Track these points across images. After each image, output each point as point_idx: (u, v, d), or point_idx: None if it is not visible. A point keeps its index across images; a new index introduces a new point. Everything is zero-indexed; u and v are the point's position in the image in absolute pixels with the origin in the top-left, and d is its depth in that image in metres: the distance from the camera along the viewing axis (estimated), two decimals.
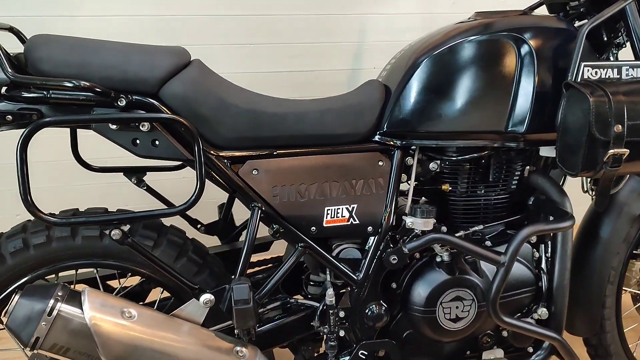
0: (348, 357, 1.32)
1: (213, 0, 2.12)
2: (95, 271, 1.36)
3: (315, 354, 1.39)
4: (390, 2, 2.26)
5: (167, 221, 1.32)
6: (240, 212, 1.67)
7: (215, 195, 1.60)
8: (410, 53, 1.32)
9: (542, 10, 1.41)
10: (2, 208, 2.21)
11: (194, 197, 1.12)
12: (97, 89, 1.09)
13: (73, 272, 1.33)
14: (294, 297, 1.37)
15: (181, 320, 1.17)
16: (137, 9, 2.07)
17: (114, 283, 1.44)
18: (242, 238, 1.70)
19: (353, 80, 2.27)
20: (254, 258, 1.56)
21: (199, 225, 1.58)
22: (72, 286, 1.26)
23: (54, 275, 1.29)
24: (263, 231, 1.23)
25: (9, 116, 1.10)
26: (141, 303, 1.27)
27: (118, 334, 1.08)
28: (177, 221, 1.39)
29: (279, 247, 1.65)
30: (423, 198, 1.37)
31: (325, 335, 1.29)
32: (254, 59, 2.17)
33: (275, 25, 2.18)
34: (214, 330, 1.21)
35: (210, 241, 1.54)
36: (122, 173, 1.52)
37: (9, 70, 1.07)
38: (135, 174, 1.52)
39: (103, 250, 1.26)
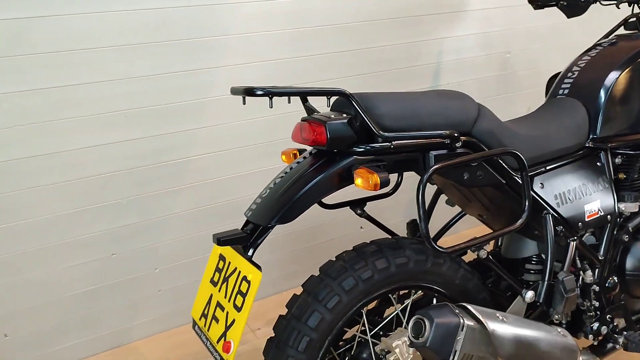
0: (597, 323, 1.63)
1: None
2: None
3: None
4: (459, 26, 2.59)
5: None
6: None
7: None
8: (599, 70, 1.67)
9: None
10: (142, 264, 2.18)
11: (526, 214, 1.35)
12: (455, 134, 1.28)
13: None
14: None
15: (523, 318, 1.40)
16: None
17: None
18: None
19: None
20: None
21: None
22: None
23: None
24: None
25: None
26: None
27: (506, 334, 1.28)
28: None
29: None
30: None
31: (586, 308, 1.59)
32: (364, 87, 2.37)
33: (375, 56, 2.41)
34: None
35: None
36: (348, 207, 1.68)
37: (379, 130, 1.23)
38: (359, 205, 1.68)
39: (409, 273, 1.44)
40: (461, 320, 1.23)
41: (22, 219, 1.91)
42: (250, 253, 1.26)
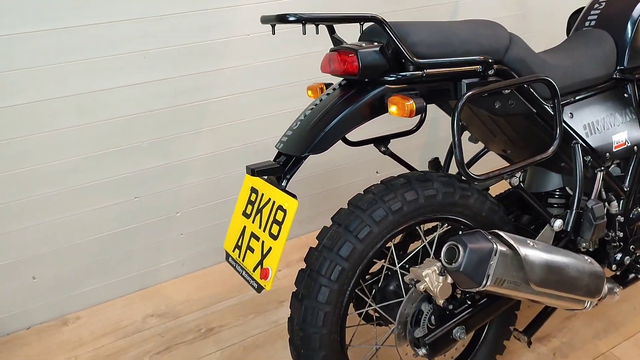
0: (620, 254, 1.65)
1: None
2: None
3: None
4: None
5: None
6: None
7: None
8: (627, 1, 1.63)
9: None
10: (164, 207, 2.20)
11: (557, 142, 1.35)
12: (489, 60, 1.27)
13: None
14: None
15: (551, 245, 1.42)
16: None
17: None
18: None
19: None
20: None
21: None
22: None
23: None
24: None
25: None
26: None
27: (537, 259, 1.30)
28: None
29: None
30: None
31: (610, 238, 1.61)
32: None
33: None
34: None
35: None
36: (372, 144, 1.68)
37: (413, 57, 1.21)
38: (382, 142, 1.68)
39: (438, 205, 1.45)
40: (494, 246, 1.24)
41: (45, 162, 1.92)
42: (284, 184, 1.26)
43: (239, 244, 1.36)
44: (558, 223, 1.43)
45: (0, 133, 1.82)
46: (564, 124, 1.46)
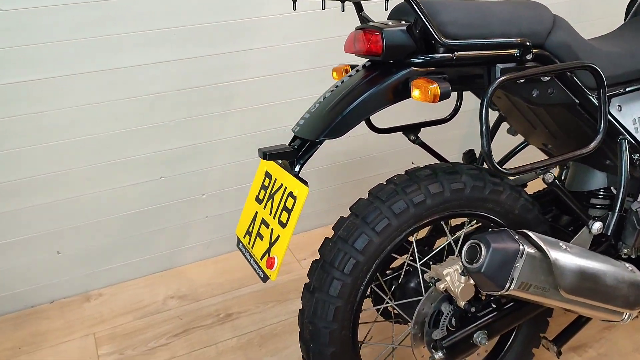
0: None
1: None
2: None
3: None
4: None
5: None
6: None
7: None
8: None
9: None
10: (190, 189, 2.17)
11: (600, 136, 1.22)
12: (527, 43, 1.15)
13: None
14: None
15: (588, 250, 1.29)
16: None
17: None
18: None
19: None
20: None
21: None
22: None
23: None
24: None
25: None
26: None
27: (569, 264, 1.18)
28: None
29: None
30: None
31: None
32: None
33: None
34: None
35: None
36: (401, 132, 1.58)
37: (441, 37, 1.11)
38: (412, 131, 1.58)
39: (466, 200, 1.35)
40: (521, 247, 1.14)
41: (73, 137, 1.91)
42: (297, 169, 1.19)
43: (250, 229, 1.30)
44: (597, 226, 1.31)
45: (30, 105, 1.82)
46: (610, 117, 1.33)
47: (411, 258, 1.48)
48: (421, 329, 1.36)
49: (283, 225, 1.17)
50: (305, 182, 1.15)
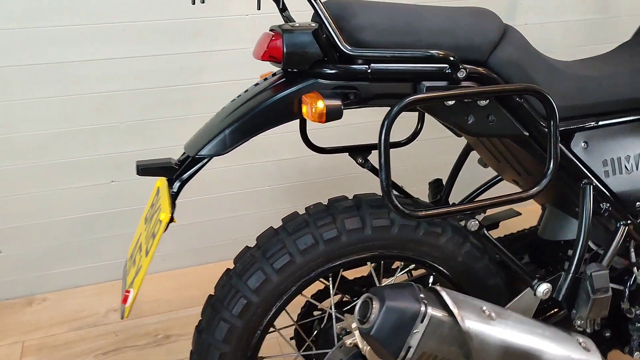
0: None
1: None
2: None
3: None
4: None
5: None
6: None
7: None
8: None
9: None
10: (144, 196, 2.03)
11: (548, 178, 0.98)
12: (451, 58, 0.93)
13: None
14: None
15: (526, 317, 1.05)
16: None
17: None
18: None
19: None
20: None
21: None
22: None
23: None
24: None
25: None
26: None
27: (489, 336, 0.95)
28: None
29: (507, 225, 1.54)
30: None
31: (634, 317, 1.19)
32: None
33: None
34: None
35: None
36: (347, 153, 1.37)
37: (345, 44, 0.91)
38: (361, 153, 1.37)
39: (392, 241, 1.13)
40: (423, 308, 0.92)
41: (17, 132, 1.81)
42: (174, 188, 1.02)
43: (133, 253, 1.13)
44: (542, 288, 1.06)
45: None
46: (572, 155, 1.08)
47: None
48: None
49: (146, 253, 1.00)
50: (173, 206, 0.98)
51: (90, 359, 1.76)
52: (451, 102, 0.97)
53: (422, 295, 0.94)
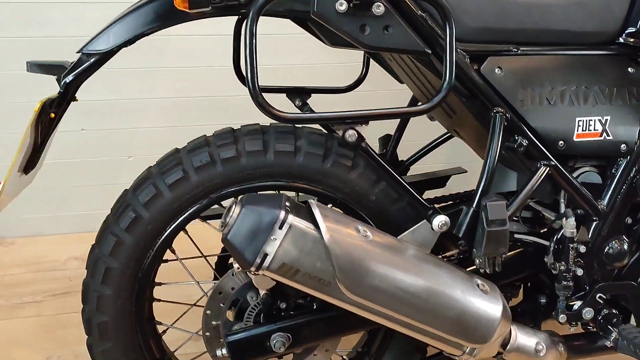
0: (581, 302, 1.11)
1: None
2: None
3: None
4: None
5: None
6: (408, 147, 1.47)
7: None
8: None
9: None
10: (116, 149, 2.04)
11: (443, 93, 0.91)
12: None
13: None
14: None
15: (415, 247, 0.97)
16: None
17: None
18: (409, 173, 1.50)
19: None
20: (430, 194, 1.37)
21: None
22: None
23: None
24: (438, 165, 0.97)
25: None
26: None
27: (357, 254, 0.88)
28: None
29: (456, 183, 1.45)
30: None
31: (559, 274, 1.07)
32: None
33: None
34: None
35: None
36: (285, 94, 1.32)
37: None
38: (299, 95, 1.32)
39: (297, 169, 1.07)
40: (282, 215, 0.85)
41: None
42: (62, 88, 1.00)
43: None
44: (438, 220, 0.97)
45: None
46: (483, 80, 0.99)
47: None
48: (217, 316, 1.10)
49: None
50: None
51: (39, 299, 1.76)
52: (342, 8, 0.91)
53: (287, 204, 0.88)
